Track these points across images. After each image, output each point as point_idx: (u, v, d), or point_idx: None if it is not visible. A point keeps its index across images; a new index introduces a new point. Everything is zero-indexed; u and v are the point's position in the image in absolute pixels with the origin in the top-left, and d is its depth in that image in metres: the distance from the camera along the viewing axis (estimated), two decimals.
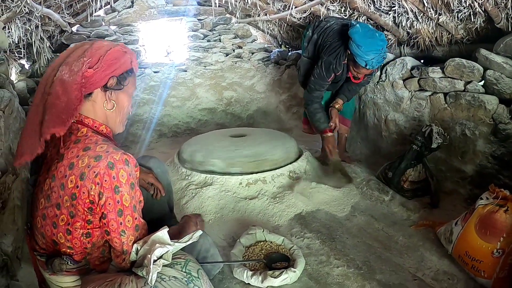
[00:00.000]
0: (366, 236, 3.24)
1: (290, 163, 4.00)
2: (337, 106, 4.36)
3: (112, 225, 1.68)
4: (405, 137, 4.32)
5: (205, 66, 6.85)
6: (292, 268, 2.60)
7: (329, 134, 4.24)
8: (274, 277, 2.51)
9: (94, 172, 1.61)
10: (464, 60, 3.70)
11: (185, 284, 1.80)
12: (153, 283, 1.69)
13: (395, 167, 3.89)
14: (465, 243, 2.70)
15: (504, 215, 2.54)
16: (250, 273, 2.57)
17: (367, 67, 3.72)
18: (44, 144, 1.63)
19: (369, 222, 3.46)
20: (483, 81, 3.65)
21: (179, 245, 1.90)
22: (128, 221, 1.71)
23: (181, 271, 1.85)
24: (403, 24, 4.22)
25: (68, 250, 1.77)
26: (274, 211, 3.51)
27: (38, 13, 4.06)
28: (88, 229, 1.74)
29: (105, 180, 1.62)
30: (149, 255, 1.74)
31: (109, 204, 1.64)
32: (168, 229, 1.81)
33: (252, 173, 3.78)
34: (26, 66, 5.31)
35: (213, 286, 2.09)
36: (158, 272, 1.73)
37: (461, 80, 3.77)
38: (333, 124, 4.31)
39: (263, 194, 3.65)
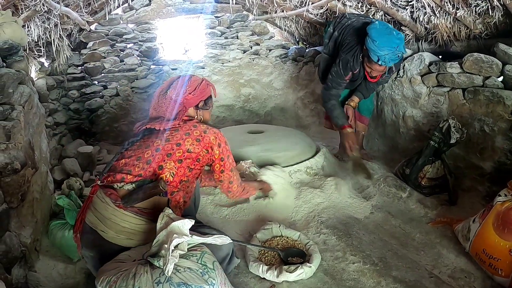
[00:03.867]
0: (382, 233, 3.23)
1: (307, 159, 3.99)
2: (352, 104, 4.35)
3: (226, 164, 2.57)
4: (423, 133, 4.28)
5: (222, 63, 6.88)
6: (307, 263, 2.60)
7: (349, 130, 4.14)
8: (290, 272, 2.52)
9: (211, 134, 2.46)
10: (482, 55, 3.65)
11: (200, 275, 1.81)
12: (169, 274, 1.72)
13: (413, 163, 3.86)
14: (483, 241, 2.68)
15: None
16: (265, 267, 2.57)
17: (379, 63, 3.67)
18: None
19: (386, 219, 3.45)
20: (502, 77, 3.61)
21: (197, 239, 1.93)
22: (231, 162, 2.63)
23: (197, 262, 1.87)
24: (421, 19, 4.18)
25: (167, 176, 2.26)
26: (290, 207, 3.50)
27: (56, 12, 4.12)
28: (193, 165, 2.39)
29: (220, 138, 2.51)
30: (165, 245, 1.76)
31: (226, 149, 2.55)
32: (191, 221, 1.93)
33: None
34: (46, 64, 5.37)
35: (228, 279, 2.10)
36: (174, 263, 1.74)
37: (479, 75, 3.73)
38: (348, 122, 4.27)
39: (279, 190, 3.63)
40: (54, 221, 3.18)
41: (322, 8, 4.82)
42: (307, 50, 6.90)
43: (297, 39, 7.16)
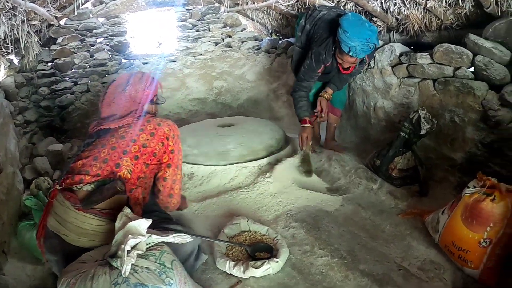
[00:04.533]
0: (352, 225, 3.22)
1: (277, 152, 3.97)
2: (326, 96, 4.29)
3: (174, 158, 2.48)
4: (394, 125, 4.28)
5: (194, 56, 6.80)
6: (274, 259, 2.59)
7: (307, 125, 4.12)
8: (256, 268, 2.50)
9: (165, 126, 2.45)
10: (452, 46, 3.65)
11: (157, 275, 1.81)
12: (126, 275, 1.70)
13: (383, 155, 3.87)
14: (452, 233, 2.68)
15: (490, 204, 2.50)
16: (232, 263, 2.55)
17: (350, 54, 3.65)
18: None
19: (356, 211, 3.44)
20: (472, 67, 3.61)
21: (156, 239, 1.91)
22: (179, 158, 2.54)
23: (155, 262, 1.86)
24: (391, 10, 4.18)
25: (125, 174, 2.25)
26: (260, 201, 3.49)
27: (22, 8, 4.01)
28: (150, 160, 2.36)
29: (175, 130, 2.48)
30: (122, 245, 1.74)
31: (178, 143, 2.50)
32: (148, 221, 1.91)
33: (238, 163, 3.75)
34: (15, 61, 5.26)
35: (189, 276, 2.09)
36: (132, 264, 1.72)
37: (450, 66, 3.73)
38: (321, 114, 4.27)
39: (248, 184, 3.63)
40: (23, 222, 3.15)
41: None
42: (279, 42, 6.87)
43: (270, 31, 7.12)
